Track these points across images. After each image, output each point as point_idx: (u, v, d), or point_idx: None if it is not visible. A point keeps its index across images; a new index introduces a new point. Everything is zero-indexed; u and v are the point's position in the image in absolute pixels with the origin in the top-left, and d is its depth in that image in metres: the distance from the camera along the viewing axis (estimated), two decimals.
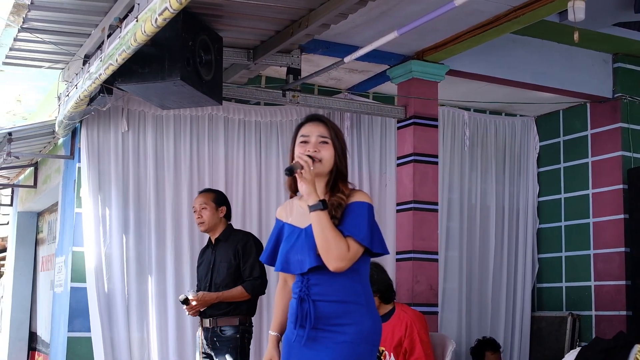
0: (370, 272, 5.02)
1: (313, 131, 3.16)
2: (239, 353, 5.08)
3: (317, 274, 3.05)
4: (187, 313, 5.23)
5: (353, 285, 3.06)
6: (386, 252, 3.15)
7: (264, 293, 5.33)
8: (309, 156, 3.07)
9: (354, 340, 3.00)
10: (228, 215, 5.44)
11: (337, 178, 3.15)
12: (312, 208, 3.01)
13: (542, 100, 7.48)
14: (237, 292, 5.13)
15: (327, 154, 3.13)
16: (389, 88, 7.02)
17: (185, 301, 5.11)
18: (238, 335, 5.09)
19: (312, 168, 3.02)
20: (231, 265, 5.20)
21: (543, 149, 8.02)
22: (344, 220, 3.04)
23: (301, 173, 3.01)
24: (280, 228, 3.28)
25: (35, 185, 8.72)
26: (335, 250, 2.96)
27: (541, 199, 7.99)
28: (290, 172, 3.03)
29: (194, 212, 5.42)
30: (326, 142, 3.14)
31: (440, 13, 4.59)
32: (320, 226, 2.99)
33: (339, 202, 3.08)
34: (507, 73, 6.89)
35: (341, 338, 3.00)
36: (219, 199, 5.41)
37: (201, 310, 5.17)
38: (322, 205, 3.00)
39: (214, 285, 5.24)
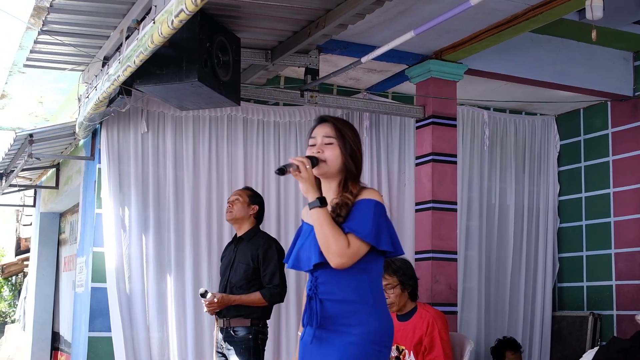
0: (409, 266, 5.13)
1: (319, 132, 3.18)
2: (252, 354, 5.07)
3: (325, 272, 3.05)
4: (204, 310, 5.24)
5: (360, 285, 3.03)
6: (399, 252, 3.10)
7: (282, 301, 5.33)
8: (309, 157, 3.09)
9: (360, 341, 2.97)
10: (259, 218, 5.45)
11: (347, 178, 3.14)
12: (311, 205, 3.02)
13: (562, 99, 7.44)
14: (256, 297, 5.14)
15: (330, 154, 3.12)
16: (407, 88, 7.01)
17: (204, 295, 5.12)
18: (250, 336, 5.09)
19: (307, 167, 3.03)
20: (249, 268, 5.21)
21: (563, 147, 7.97)
22: (348, 218, 3.03)
23: (298, 172, 3.02)
24: (301, 228, 3.30)
25: (57, 186, 8.79)
26: (334, 246, 2.95)
27: (562, 198, 7.94)
28: (281, 171, 3.05)
29: (227, 203, 5.45)
30: (330, 143, 3.14)
31: (456, 12, 4.56)
32: (319, 222, 2.99)
33: (344, 202, 3.06)
34: (526, 72, 6.85)
35: (348, 339, 2.98)
36: (254, 198, 5.44)
37: (218, 310, 5.20)
38: (319, 202, 3.01)
39: (230, 284, 5.27)
